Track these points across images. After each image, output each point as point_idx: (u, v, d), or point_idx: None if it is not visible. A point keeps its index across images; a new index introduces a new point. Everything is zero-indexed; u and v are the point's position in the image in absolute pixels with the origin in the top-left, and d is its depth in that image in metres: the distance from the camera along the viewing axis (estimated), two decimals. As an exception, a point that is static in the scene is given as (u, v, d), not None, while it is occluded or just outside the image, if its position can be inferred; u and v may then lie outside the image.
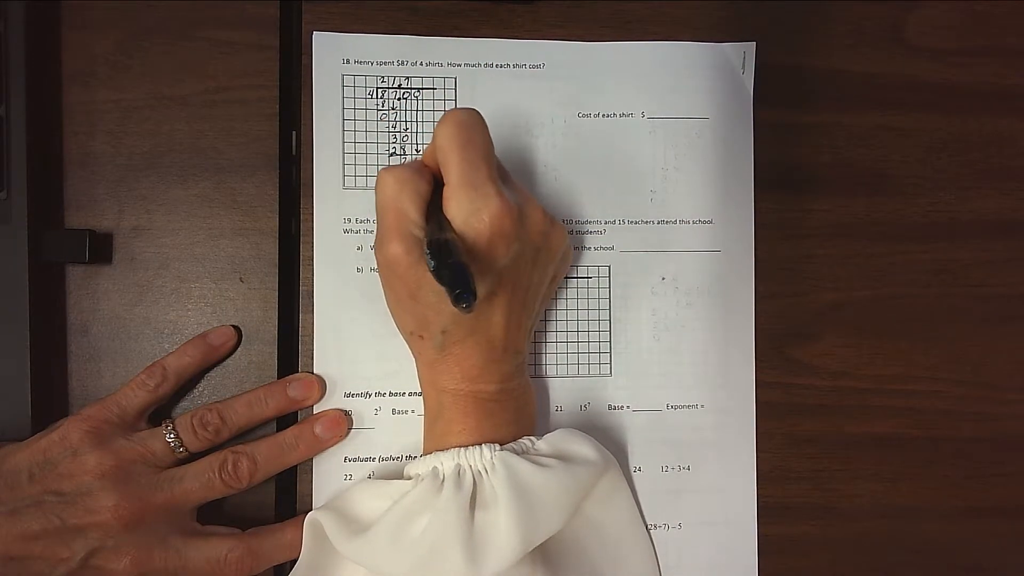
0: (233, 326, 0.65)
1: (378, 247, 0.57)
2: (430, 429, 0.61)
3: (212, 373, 0.66)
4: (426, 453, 0.60)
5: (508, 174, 0.60)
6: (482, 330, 0.58)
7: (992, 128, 0.71)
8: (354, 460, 0.65)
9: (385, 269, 0.57)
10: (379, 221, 0.57)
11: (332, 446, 0.64)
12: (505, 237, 0.55)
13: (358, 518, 0.59)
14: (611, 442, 0.67)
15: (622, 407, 0.67)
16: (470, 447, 0.58)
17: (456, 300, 0.48)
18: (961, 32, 0.71)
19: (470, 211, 0.54)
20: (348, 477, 0.65)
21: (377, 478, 0.64)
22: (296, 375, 0.65)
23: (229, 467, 0.61)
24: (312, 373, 0.65)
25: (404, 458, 0.65)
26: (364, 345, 0.66)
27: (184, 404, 0.65)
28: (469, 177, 0.54)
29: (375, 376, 0.66)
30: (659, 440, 0.68)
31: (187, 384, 0.65)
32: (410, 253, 0.54)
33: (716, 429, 0.68)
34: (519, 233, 0.56)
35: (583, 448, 0.61)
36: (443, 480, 0.57)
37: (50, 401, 0.64)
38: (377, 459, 0.65)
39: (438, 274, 0.49)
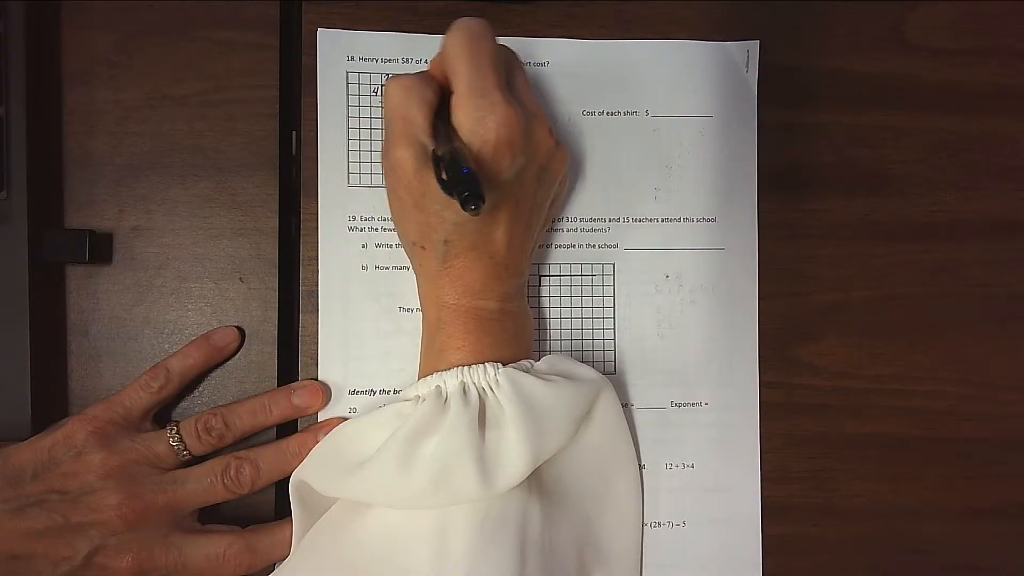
0: (236, 327, 0.65)
1: (384, 154, 0.57)
2: (428, 346, 0.61)
3: (212, 373, 0.65)
4: (425, 373, 0.59)
5: (527, 86, 0.60)
6: (484, 244, 0.58)
7: (992, 128, 0.71)
8: (359, 458, 0.65)
9: (391, 176, 0.58)
10: (386, 128, 0.57)
11: None
12: (511, 146, 0.54)
13: (352, 456, 0.58)
14: (615, 440, 0.67)
15: (626, 404, 0.67)
16: (473, 365, 0.57)
17: (464, 203, 0.48)
18: (961, 32, 0.71)
19: (476, 119, 0.53)
20: (352, 475, 0.65)
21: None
22: (301, 382, 0.65)
23: (232, 473, 0.61)
24: (316, 380, 0.65)
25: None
26: (369, 343, 0.66)
27: (184, 404, 0.65)
28: (477, 85, 0.54)
29: (380, 374, 0.66)
30: (663, 438, 0.68)
31: (188, 384, 0.64)
32: (416, 159, 0.54)
33: (720, 427, 0.68)
34: (524, 146, 0.55)
35: (580, 368, 0.62)
36: (447, 399, 0.56)
37: (50, 401, 0.63)
38: (382, 456, 0.65)
39: (445, 184, 0.49)
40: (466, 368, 0.57)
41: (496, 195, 0.56)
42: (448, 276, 0.59)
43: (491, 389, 0.57)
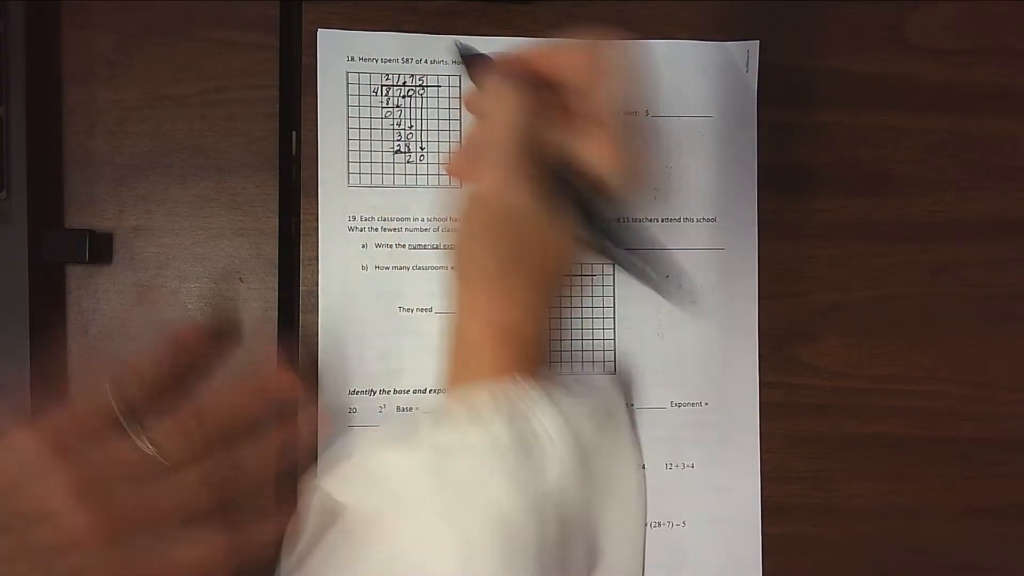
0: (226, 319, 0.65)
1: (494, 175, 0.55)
2: (458, 357, 0.59)
3: (212, 374, 0.65)
4: (453, 385, 0.59)
5: None
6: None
7: (992, 128, 0.71)
8: (359, 458, 0.65)
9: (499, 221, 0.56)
10: (501, 148, 0.55)
11: None
12: None
13: (381, 474, 0.57)
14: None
15: (627, 404, 0.67)
16: (503, 380, 0.56)
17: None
18: (961, 32, 0.71)
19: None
20: (352, 475, 0.65)
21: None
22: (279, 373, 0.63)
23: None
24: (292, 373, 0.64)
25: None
26: (369, 343, 0.66)
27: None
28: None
29: (380, 373, 0.66)
30: (663, 438, 0.68)
31: (178, 383, 0.64)
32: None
33: (720, 427, 0.68)
34: None
35: (595, 377, 0.63)
36: (480, 413, 0.55)
37: (50, 401, 0.63)
38: (382, 457, 0.65)
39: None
40: (497, 384, 0.56)
41: None
42: (497, 297, 0.57)
43: (522, 402, 0.56)
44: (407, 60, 0.67)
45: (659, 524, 0.67)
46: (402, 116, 0.67)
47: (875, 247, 0.70)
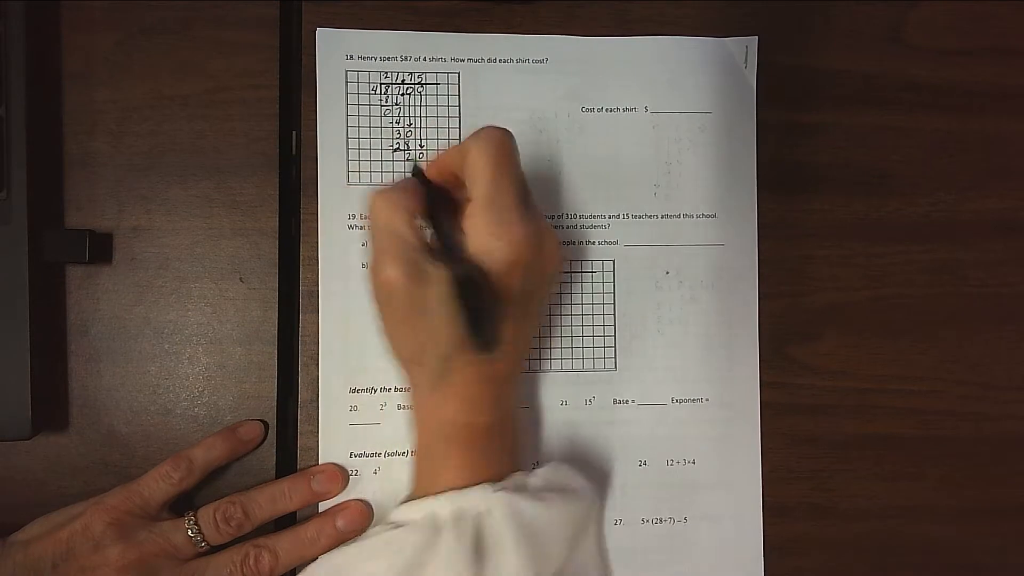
0: (261, 420, 0.66)
1: (373, 272, 0.55)
2: (421, 463, 0.59)
3: (212, 373, 0.65)
4: (417, 494, 0.58)
5: (530, 196, 0.57)
6: (487, 359, 0.55)
7: (992, 128, 0.71)
8: (360, 456, 0.65)
9: (381, 292, 0.55)
10: (373, 245, 0.55)
11: (353, 537, 0.63)
12: (522, 267, 0.53)
13: None
14: (616, 436, 0.67)
15: (627, 401, 0.68)
16: (466, 489, 0.55)
17: (479, 348, 0.49)
18: (961, 32, 0.71)
19: (492, 233, 0.52)
20: (355, 472, 0.65)
21: (370, 532, 0.63)
22: (320, 467, 0.65)
23: (251, 562, 0.60)
24: (335, 464, 0.65)
25: (409, 453, 0.65)
26: (369, 340, 0.65)
27: (191, 410, 0.65)
28: (497, 199, 0.53)
29: (380, 371, 0.65)
30: (664, 434, 0.68)
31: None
32: (407, 276, 0.52)
33: (721, 423, 0.68)
34: (535, 263, 0.54)
35: (575, 480, 0.60)
36: (442, 526, 0.54)
37: (50, 401, 0.63)
38: (383, 454, 0.65)
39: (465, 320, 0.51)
40: (459, 493, 0.55)
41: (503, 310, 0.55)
42: (445, 392, 0.56)
43: (488, 514, 0.55)
44: (406, 58, 0.67)
45: (660, 520, 0.67)
46: (401, 114, 0.67)
47: (875, 247, 0.70)
